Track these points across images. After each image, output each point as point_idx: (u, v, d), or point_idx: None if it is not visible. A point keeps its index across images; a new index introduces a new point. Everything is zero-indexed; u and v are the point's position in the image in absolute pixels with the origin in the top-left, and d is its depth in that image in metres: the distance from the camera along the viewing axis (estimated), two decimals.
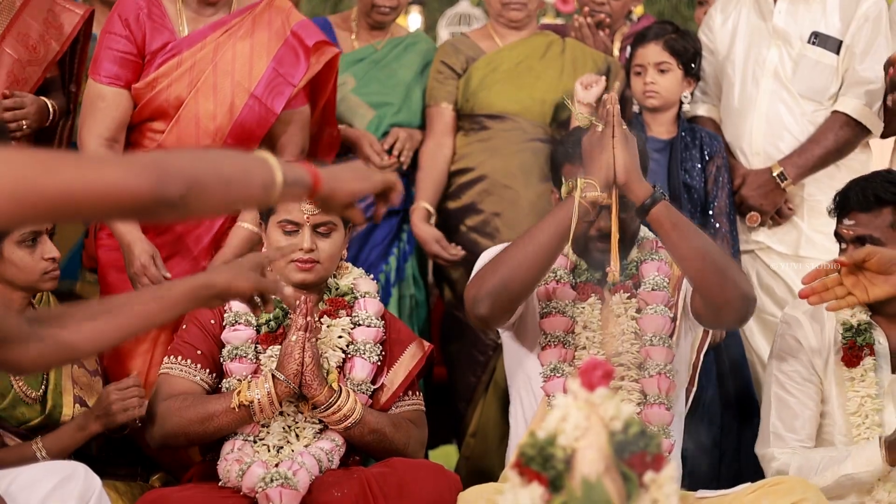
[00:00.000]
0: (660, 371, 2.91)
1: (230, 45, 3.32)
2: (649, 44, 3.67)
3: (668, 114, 3.69)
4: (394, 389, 3.06)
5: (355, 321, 3.06)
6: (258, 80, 3.32)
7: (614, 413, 1.54)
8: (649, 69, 3.65)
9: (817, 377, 3.03)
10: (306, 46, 3.36)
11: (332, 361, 2.99)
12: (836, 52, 3.69)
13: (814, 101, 3.71)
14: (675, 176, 3.63)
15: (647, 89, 3.65)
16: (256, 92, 3.32)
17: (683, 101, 3.70)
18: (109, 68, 3.29)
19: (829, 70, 3.69)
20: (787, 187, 3.68)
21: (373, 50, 3.92)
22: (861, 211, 2.96)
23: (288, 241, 3.00)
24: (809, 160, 3.68)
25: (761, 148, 3.74)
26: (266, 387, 2.87)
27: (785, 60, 3.73)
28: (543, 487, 1.53)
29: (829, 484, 2.87)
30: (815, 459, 2.94)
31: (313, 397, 2.90)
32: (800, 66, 3.71)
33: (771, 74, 3.74)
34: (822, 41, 3.70)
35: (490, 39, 3.94)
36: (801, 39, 3.71)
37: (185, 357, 2.99)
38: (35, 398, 2.98)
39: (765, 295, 3.73)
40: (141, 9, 3.29)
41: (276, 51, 3.35)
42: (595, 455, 1.53)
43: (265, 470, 2.81)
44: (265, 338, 3.01)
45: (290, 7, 3.43)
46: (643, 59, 3.67)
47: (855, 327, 2.98)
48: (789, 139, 3.72)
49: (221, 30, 3.33)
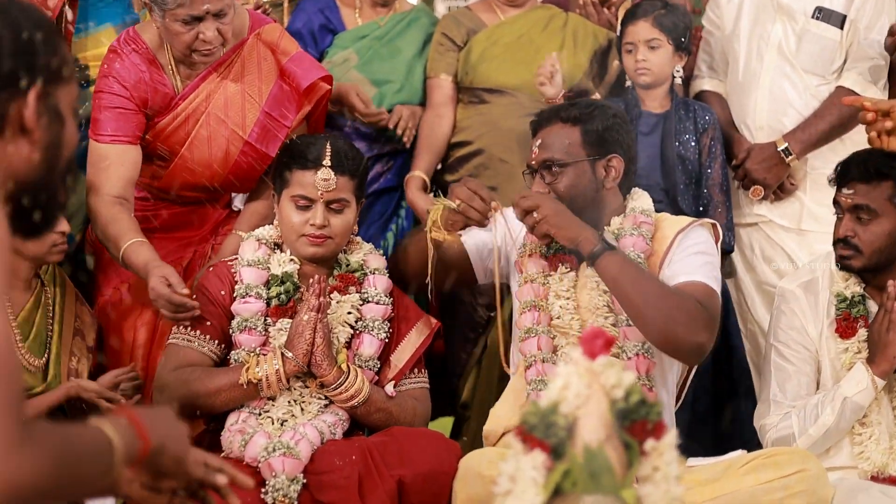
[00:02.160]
0: (638, 352, 2.92)
1: (221, 90, 3.27)
2: (639, 21, 3.67)
3: (660, 88, 3.70)
4: (400, 367, 3.09)
5: (364, 297, 3.08)
6: (252, 128, 3.28)
7: (615, 381, 1.56)
8: (640, 46, 3.64)
9: (813, 345, 3.07)
10: (298, 89, 3.30)
11: (341, 338, 3.01)
12: (839, 26, 3.69)
13: (817, 75, 3.71)
14: (670, 148, 3.64)
15: (639, 67, 3.64)
16: (251, 139, 3.29)
17: (675, 76, 3.70)
18: (110, 126, 3.17)
19: (833, 45, 3.69)
20: (792, 162, 3.69)
21: (376, 26, 3.87)
22: (861, 181, 3.00)
23: (300, 215, 3.02)
24: (814, 135, 3.68)
25: (765, 122, 3.75)
26: (275, 364, 2.89)
27: (789, 35, 3.72)
28: (545, 454, 1.55)
29: (833, 419, 2.93)
30: (812, 403, 2.99)
31: (322, 377, 2.92)
32: (803, 41, 3.71)
33: (775, 49, 3.74)
34: (826, 16, 3.70)
35: (492, 12, 3.93)
36: (805, 14, 3.71)
37: (193, 328, 3.01)
38: (38, 366, 3.01)
39: (767, 266, 3.75)
40: (142, 72, 3.21)
41: (267, 94, 3.29)
42: (596, 423, 1.55)
43: (267, 440, 2.84)
44: (275, 311, 3.03)
45: (278, 36, 3.35)
46: (633, 36, 3.66)
47: (849, 299, 3.02)
48: (793, 114, 3.72)
49: (212, 76, 3.26)
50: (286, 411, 2.95)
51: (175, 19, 3.08)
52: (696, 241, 3.00)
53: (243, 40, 3.29)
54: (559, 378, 1.57)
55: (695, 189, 3.66)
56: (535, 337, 2.96)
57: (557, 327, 2.98)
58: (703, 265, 2.94)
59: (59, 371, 3.04)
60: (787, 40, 3.73)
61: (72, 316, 3.15)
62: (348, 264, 3.11)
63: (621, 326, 2.93)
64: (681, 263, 2.95)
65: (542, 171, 3.01)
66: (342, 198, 3.05)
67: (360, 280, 3.10)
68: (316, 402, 2.97)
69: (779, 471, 2.72)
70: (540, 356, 2.95)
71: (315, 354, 2.90)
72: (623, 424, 1.56)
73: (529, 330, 2.97)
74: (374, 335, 3.05)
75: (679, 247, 2.99)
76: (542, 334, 2.97)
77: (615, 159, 3.03)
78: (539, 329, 2.96)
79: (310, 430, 2.88)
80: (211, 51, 3.16)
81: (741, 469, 2.77)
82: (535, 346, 2.96)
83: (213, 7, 3.09)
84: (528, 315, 2.97)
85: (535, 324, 2.97)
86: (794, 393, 3.06)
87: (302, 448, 2.83)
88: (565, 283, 2.99)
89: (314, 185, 3.02)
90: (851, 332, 3.01)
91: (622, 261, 2.85)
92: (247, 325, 3.00)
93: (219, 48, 3.18)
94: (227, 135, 3.28)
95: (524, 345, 2.98)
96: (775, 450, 2.86)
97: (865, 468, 2.94)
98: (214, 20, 3.11)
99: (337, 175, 3.03)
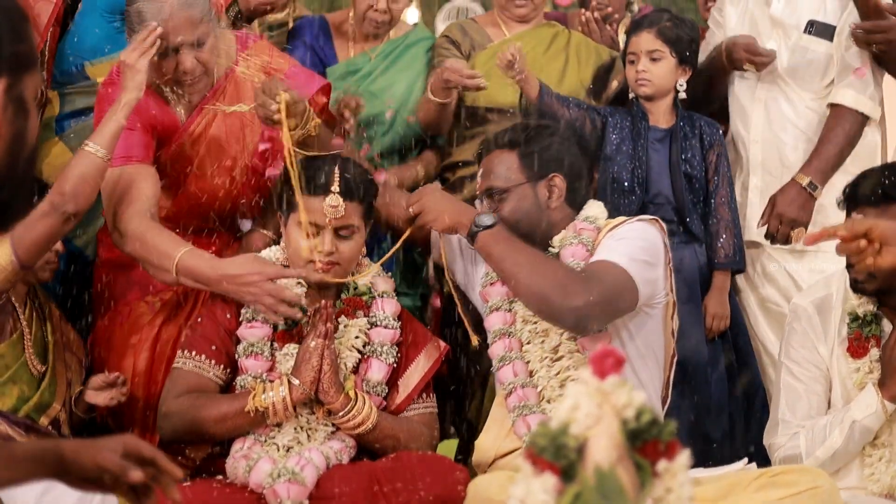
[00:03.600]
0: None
1: (219, 117, 3.22)
2: (642, 32, 3.66)
3: (663, 102, 3.67)
4: (408, 392, 3.06)
5: (372, 321, 3.05)
6: (254, 152, 3.25)
7: (626, 401, 1.53)
8: (642, 57, 3.63)
9: (824, 364, 3.03)
10: None
11: (348, 363, 2.98)
12: (830, 39, 3.68)
13: (810, 91, 3.70)
14: (677, 167, 3.62)
15: (639, 77, 3.63)
16: (254, 164, 3.26)
17: (679, 90, 3.68)
18: (121, 148, 3.08)
19: (825, 58, 3.68)
20: (818, 194, 3.62)
21: (366, 60, 3.81)
22: (871, 206, 2.95)
23: (307, 242, 2.98)
24: (829, 161, 3.64)
25: (761, 136, 3.74)
26: (282, 391, 2.86)
27: (782, 51, 3.71)
28: (556, 477, 1.52)
29: (841, 442, 2.89)
30: (820, 424, 2.96)
31: (329, 404, 2.89)
32: (795, 56, 3.69)
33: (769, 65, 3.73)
34: (819, 30, 3.69)
35: (496, 27, 3.91)
36: (798, 29, 3.70)
37: (199, 352, 2.98)
38: (40, 372, 3.00)
39: (769, 285, 3.72)
40: (150, 107, 3.17)
41: None
42: (608, 444, 1.52)
43: (272, 465, 2.81)
44: (281, 335, 3.00)
45: (268, 54, 3.29)
46: (636, 46, 3.65)
47: (861, 318, 2.97)
48: (790, 129, 3.71)
49: (209, 104, 3.21)
50: (292, 438, 2.92)
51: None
52: (622, 231, 3.02)
53: (233, 65, 3.25)
54: (569, 398, 1.54)
55: (703, 207, 3.63)
56: (509, 364, 3.00)
57: (530, 352, 3.00)
58: (617, 247, 2.95)
59: (55, 381, 3.04)
60: (781, 55, 3.71)
61: (59, 330, 3.16)
62: (356, 288, 3.07)
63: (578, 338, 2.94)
64: (598, 249, 2.99)
65: (486, 199, 3.07)
66: (351, 224, 3.01)
67: (368, 303, 3.07)
68: (323, 428, 2.94)
69: (790, 488, 2.69)
70: (518, 382, 2.98)
71: (322, 381, 2.87)
72: (635, 445, 1.53)
73: (503, 358, 3.01)
74: (382, 360, 3.01)
75: (604, 239, 3.01)
76: (516, 360, 3.00)
77: (556, 178, 3.06)
78: (512, 356, 3.00)
79: (315, 455, 2.85)
80: (194, 80, 3.12)
81: (751, 486, 2.74)
82: (511, 372, 2.99)
83: (187, 38, 3.05)
84: (499, 343, 3.02)
85: (507, 351, 3.01)
86: (803, 412, 3.02)
87: (307, 474, 2.79)
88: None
89: (322, 212, 2.98)
90: (863, 352, 2.97)
91: (497, 235, 2.94)
92: (253, 350, 2.97)
93: (203, 76, 3.14)
94: (230, 162, 3.25)
95: (500, 373, 3.01)
96: (786, 467, 2.83)
97: (875, 490, 2.91)
98: (192, 49, 3.08)
99: (346, 201, 2.99)
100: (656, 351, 3.03)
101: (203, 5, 3.08)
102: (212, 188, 3.26)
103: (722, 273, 3.65)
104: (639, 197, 3.57)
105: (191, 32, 3.04)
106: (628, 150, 3.62)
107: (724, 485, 2.77)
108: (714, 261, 3.63)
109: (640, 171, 3.59)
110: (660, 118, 3.67)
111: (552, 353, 2.98)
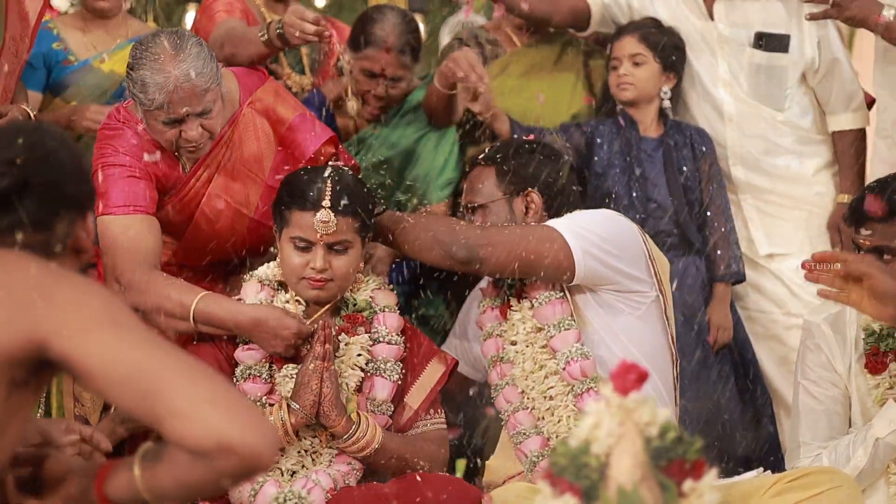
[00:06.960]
0: (568, 358, 2.90)
1: (221, 168, 3.14)
2: (626, 36, 3.68)
3: (650, 110, 3.66)
4: (415, 409, 2.98)
5: (374, 337, 2.98)
6: (256, 204, 3.18)
7: (649, 418, 1.48)
8: (624, 61, 3.65)
9: (842, 381, 2.97)
10: (302, 157, 3.17)
11: (351, 382, 2.91)
12: (786, 50, 3.67)
13: (773, 107, 3.72)
14: (673, 175, 3.60)
15: (621, 81, 3.65)
16: (256, 215, 3.19)
17: (663, 97, 3.66)
18: (122, 197, 2.98)
19: (782, 71, 3.70)
20: None
21: (368, 132, 3.73)
22: (878, 221, 2.91)
23: (300, 257, 2.92)
24: (855, 177, 3.75)
25: (738, 152, 3.75)
26: (281, 416, 2.81)
27: (736, 71, 3.71)
28: (577, 498, 1.48)
29: (866, 461, 2.84)
30: (843, 444, 2.91)
31: (331, 427, 2.83)
32: (749, 75, 3.69)
33: (727, 87, 3.73)
34: (769, 43, 3.67)
35: (507, 36, 3.91)
36: (749, 43, 3.69)
37: None
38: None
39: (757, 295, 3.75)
40: (155, 158, 3.07)
41: (269, 167, 3.17)
42: (630, 463, 1.48)
43: (278, 489, 2.75)
44: (279, 357, 2.93)
45: (273, 100, 3.19)
46: (619, 51, 3.68)
47: (878, 332, 2.92)
48: (760, 143, 3.73)
49: (211, 155, 3.11)
50: (296, 462, 2.86)
51: (155, 119, 2.97)
52: (578, 213, 3.03)
53: (237, 113, 3.15)
54: (589, 416, 1.49)
55: (699, 218, 3.63)
56: (500, 392, 3.01)
57: (516, 369, 2.99)
58: (560, 220, 2.97)
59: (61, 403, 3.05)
60: (736, 77, 3.71)
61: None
62: (355, 303, 3.01)
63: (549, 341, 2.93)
64: None
65: (468, 213, 3.13)
66: (344, 239, 2.93)
67: (369, 319, 3.00)
68: (327, 451, 2.88)
69: (808, 490, 2.66)
70: (510, 408, 2.99)
71: (323, 405, 2.81)
72: (659, 464, 1.49)
73: (497, 386, 3.03)
74: (386, 378, 2.94)
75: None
76: (508, 386, 3.00)
77: (532, 194, 3.07)
78: (503, 383, 3.01)
79: (323, 477, 2.79)
80: (198, 147, 3.03)
81: (768, 492, 2.70)
82: (503, 400, 3.00)
83: (194, 109, 2.96)
84: (494, 371, 3.05)
85: (500, 378, 3.02)
86: (824, 433, 2.97)
87: (315, 497, 2.74)
88: (517, 329, 3.01)
89: (313, 228, 2.92)
90: (882, 367, 2.91)
91: (391, 215, 3.07)
92: (251, 373, 2.90)
93: (206, 142, 3.05)
94: (231, 214, 3.18)
95: (496, 402, 3.04)
96: (804, 469, 2.78)
97: None
98: (197, 118, 2.98)
99: (338, 217, 2.90)
100: (656, 352, 2.99)
101: (209, 72, 2.96)
102: (214, 238, 3.20)
103: (723, 284, 3.65)
104: (638, 210, 3.54)
105: (197, 103, 2.95)
106: (620, 162, 3.61)
107: (739, 492, 2.73)
108: (714, 273, 3.61)
109: (635, 182, 3.58)
110: (649, 127, 3.68)
111: (533, 364, 2.97)
